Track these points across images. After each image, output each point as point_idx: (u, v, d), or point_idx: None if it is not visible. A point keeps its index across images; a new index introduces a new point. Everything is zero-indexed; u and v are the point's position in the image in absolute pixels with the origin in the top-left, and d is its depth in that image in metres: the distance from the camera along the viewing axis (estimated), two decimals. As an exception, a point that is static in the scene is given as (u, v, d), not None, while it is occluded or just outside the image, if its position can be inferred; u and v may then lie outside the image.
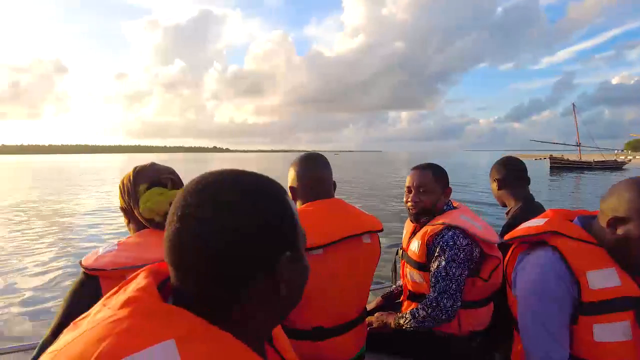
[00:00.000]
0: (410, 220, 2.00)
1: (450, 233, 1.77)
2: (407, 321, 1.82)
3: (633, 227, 1.14)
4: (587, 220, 1.30)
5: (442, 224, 1.80)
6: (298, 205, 1.59)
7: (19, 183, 26.63)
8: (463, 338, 1.83)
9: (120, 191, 1.23)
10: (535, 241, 1.30)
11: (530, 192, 2.20)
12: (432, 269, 1.79)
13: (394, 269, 2.19)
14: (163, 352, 0.48)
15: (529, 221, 1.38)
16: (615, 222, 1.17)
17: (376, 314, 1.99)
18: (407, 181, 1.95)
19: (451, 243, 1.75)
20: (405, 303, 1.99)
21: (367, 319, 1.88)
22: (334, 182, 1.65)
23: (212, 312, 0.56)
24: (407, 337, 1.87)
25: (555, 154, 53.68)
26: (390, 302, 2.22)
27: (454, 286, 1.73)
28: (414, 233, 1.97)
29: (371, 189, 20.79)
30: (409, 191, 1.94)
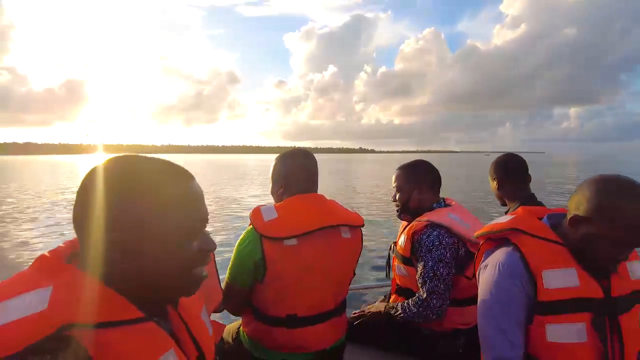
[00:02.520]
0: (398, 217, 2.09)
1: (435, 232, 1.79)
2: (397, 313, 1.86)
3: (593, 227, 1.11)
4: (558, 219, 1.26)
5: (427, 221, 1.83)
6: (280, 200, 1.62)
7: (221, 177, 31.08)
8: (448, 336, 1.86)
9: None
10: (499, 239, 1.28)
11: (532, 191, 2.16)
12: (419, 269, 1.82)
13: (388, 264, 2.16)
14: (37, 296, 0.60)
15: (497, 218, 1.35)
16: (576, 221, 1.14)
17: (367, 304, 2.09)
18: None
19: (437, 243, 1.77)
20: (394, 296, 2.04)
21: (365, 310, 2.03)
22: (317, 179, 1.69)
23: (100, 271, 0.68)
24: (393, 331, 1.92)
25: None
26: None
27: (442, 286, 1.76)
28: (405, 229, 2.00)
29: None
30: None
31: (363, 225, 1.67)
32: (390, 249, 2.10)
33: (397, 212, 2.03)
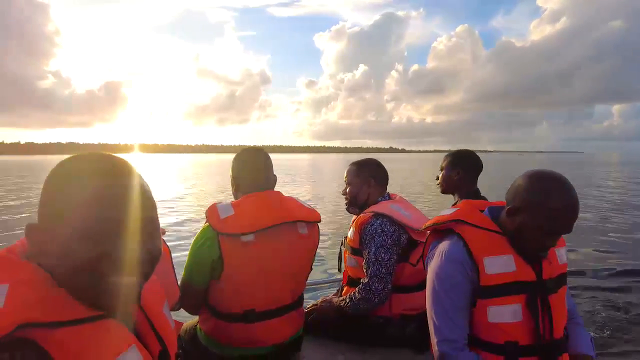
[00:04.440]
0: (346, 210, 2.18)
1: (378, 221, 1.92)
2: (345, 304, 1.95)
3: (525, 217, 1.23)
4: (498, 211, 1.37)
5: (372, 212, 1.96)
6: (239, 197, 1.65)
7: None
8: (396, 322, 1.94)
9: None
10: (444, 229, 1.37)
11: (477, 187, 2.30)
12: (364, 255, 1.93)
13: (340, 257, 2.22)
14: None
15: (443, 210, 1.44)
16: (511, 212, 1.26)
17: (321, 297, 2.20)
18: None
19: (379, 230, 1.90)
20: (345, 288, 2.13)
21: (317, 304, 2.10)
22: (275, 176, 1.74)
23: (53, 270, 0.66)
24: (345, 321, 2.00)
25: None
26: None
27: (383, 270, 1.86)
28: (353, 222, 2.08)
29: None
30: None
31: (320, 221, 1.71)
32: (342, 243, 2.17)
33: (346, 204, 2.14)
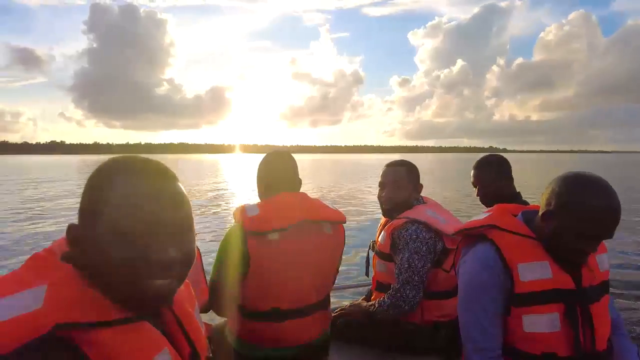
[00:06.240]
0: (383, 215, 2.09)
1: (413, 227, 1.87)
2: (374, 309, 1.91)
3: (562, 221, 1.17)
4: (532, 215, 1.32)
5: (406, 217, 1.89)
6: (265, 198, 1.67)
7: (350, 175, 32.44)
8: (428, 328, 1.89)
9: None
10: (477, 235, 1.33)
11: (517, 191, 2.21)
12: (397, 261, 1.88)
13: (367, 262, 2.18)
14: (31, 295, 0.59)
15: (476, 216, 1.40)
16: (546, 216, 1.21)
17: (349, 302, 2.14)
18: (381, 177, 2.04)
19: (414, 236, 1.85)
20: (375, 293, 2.08)
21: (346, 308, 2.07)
22: (300, 179, 1.74)
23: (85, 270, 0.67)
24: (374, 327, 1.94)
25: None
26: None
27: (416, 278, 1.81)
28: (384, 227, 2.03)
29: None
30: (382, 187, 2.03)
31: (345, 222, 1.73)
32: (370, 247, 2.14)
33: (387, 209, 2.02)
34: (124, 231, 0.64)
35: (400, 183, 1.99)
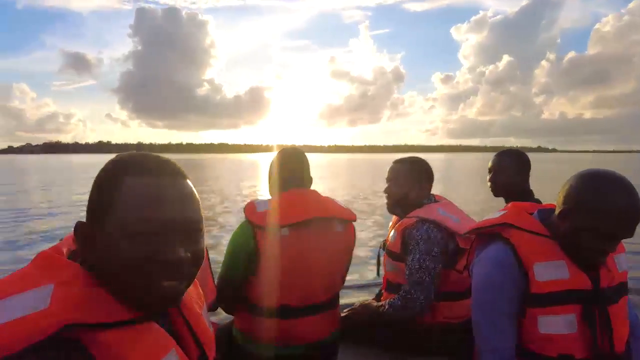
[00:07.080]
0: (387, 210, 2.07)
1: (425, 227, 1.83)
2: (384, 310, 1.86)
3: (579, 219, 1.14)
4: (548, 214, 1.30)
5: (417, 217, 1.86)
6: (275, 194, 1.65)
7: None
8: (441, 330, 1.86)
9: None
10: (491, 234, 1.31)
11: (530, 188, 2.17)
12: (407, 261, 1.84)
13: (378, 261, 2.11)
14: (38, 295, 0.58)
15: (490, 214, 1.38)
16: (563, 214, 1.19)
17: (359, 302, 2.08)
18: (387, 173, 2.06)
19: (425, 237, 1.81)
20: (385, 293, 2.06)
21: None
22: (311, 177, 1.72)
23: (92, 269, 0.66)
24: (384, 328, 1.92)
25: None
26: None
27: (427, 279, 1.78)
28: (395, 226, 2.00)
29: None
30: (387, 182, 2.04)
31: (355, 220, 1.71)
32: (381, 246, 2.11)
33: (390, 205, 2.03)
34: (133, 231, 0.63)
35: (400, 180, 2.00)
